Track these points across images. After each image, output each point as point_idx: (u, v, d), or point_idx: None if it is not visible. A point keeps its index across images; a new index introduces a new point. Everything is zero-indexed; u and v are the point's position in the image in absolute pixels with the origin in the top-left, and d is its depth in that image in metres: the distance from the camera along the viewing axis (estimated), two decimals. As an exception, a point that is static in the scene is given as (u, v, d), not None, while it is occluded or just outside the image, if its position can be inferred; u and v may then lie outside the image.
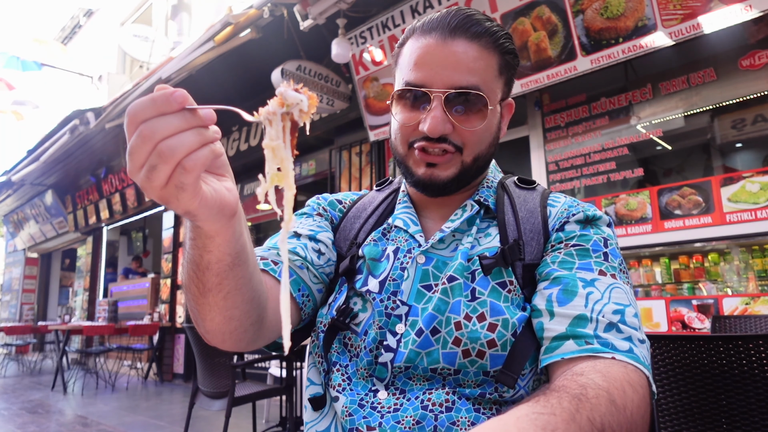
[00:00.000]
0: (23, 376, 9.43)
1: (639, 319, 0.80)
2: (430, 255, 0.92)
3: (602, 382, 0.66)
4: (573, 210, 0.92)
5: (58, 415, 5.82)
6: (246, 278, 0.73)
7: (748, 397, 1.40)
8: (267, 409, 5.13)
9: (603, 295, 0.80)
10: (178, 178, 0.53)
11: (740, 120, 3.85)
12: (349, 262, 0.95)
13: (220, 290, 0.71)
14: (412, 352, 0.83)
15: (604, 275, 0.83)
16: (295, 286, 0.92)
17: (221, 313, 0.74)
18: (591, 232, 0.89)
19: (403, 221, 0.98)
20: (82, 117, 7.61)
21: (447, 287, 0.86)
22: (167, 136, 0.52)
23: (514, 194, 0.98)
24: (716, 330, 2.59)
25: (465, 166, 0.91)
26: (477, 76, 0.87)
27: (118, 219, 10.30)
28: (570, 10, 3.76)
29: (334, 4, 4.33)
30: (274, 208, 0.59)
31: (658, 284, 3.82)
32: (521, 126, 4.68)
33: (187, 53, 5.51)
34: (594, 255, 0.86)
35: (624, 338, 0.75)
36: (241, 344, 0.82)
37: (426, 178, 0.90)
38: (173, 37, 9.09)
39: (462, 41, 0.87)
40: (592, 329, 0.76)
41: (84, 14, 13.88)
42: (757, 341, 1.39)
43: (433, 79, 0.86)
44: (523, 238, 0.90)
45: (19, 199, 13.11)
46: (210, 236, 0.64)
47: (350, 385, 0.87)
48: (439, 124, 0.85)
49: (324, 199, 1.10)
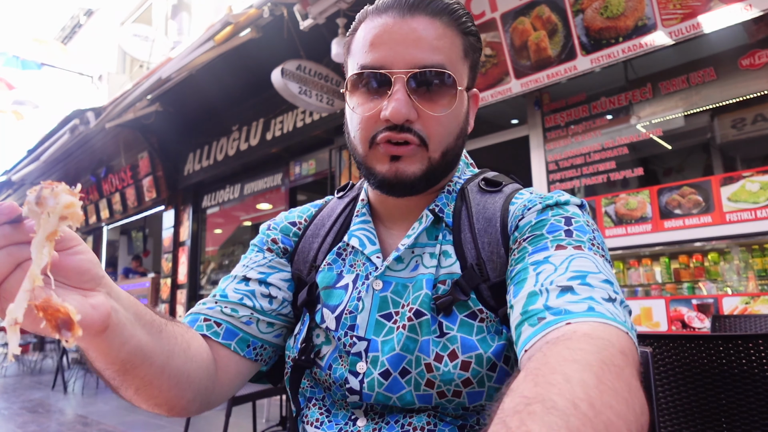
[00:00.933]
0: (23, 376, 9.44)
1: (613, 286, 0.66)
2: (387, 279, 0.83)
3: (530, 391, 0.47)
4: (530, 204, 0.80)
5: (59, 415, 5.83)
6: (153, 375, 0.69)
7: (747, 396, 1.41)
8: (267, 409, 5.14)
9: (558, 268, 0.67)
10: (1, 304, 0.50)
11: (740, 119, 3.86)
12: (307, 294, 0.88)
13: (127, 388, 0.70)
14: (380, 395, 0.76)
15: (563, 248, 0.70)
16: (242, 345, 0.86)
17: (144, 403, 0.73)
18: (548, 215, 0.76)
19: (359, 240, 0.87)
20: (82, 117, 7.61)
21: (415, 323, 0.77)
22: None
23: (473, 202, 0.86)
24: (716, 329, 2.59)
25: (433, 163, 0.80)
26: (442, 55, 0.78)
27: (118, 219, 10.31)
28: (570, 9, 3.76)
29: (333, 4, 4.34)
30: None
31: (658, 284, 3.82)
32: (521, 125, 4.68)
33: (188, 53, 5.51)
34: (550, 235, 0.73)
35: (582, 299, 0.62)
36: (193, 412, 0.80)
37: (391, 176, 0.79)
38: (173, 36, 9.10)
39: (422, 18, 0.78)
40: (542, 303, 0.64)
41: (84, 14, 13.88)
42: (757, 340, 1.39)
43: (394, 59, 0.77)
44: (482, 257, 0.79)
45: (20, 199, 13.12)
46: (84, 348, 0.61)
47: (329, 417, 0.83)
48: (402, 107, 0.75)
49: (276, 227, 0.99)
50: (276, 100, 5.65)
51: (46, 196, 0.48)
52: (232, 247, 8.45)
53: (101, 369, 0.66)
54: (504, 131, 4.87)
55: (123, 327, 0.62)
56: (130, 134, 8.51)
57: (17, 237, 0.50)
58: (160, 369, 0.70)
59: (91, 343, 0.60)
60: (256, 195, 7.41)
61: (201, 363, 0.79)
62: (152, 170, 8.72)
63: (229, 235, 8.46)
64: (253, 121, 6.90)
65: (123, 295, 0.66)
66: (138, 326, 0.67)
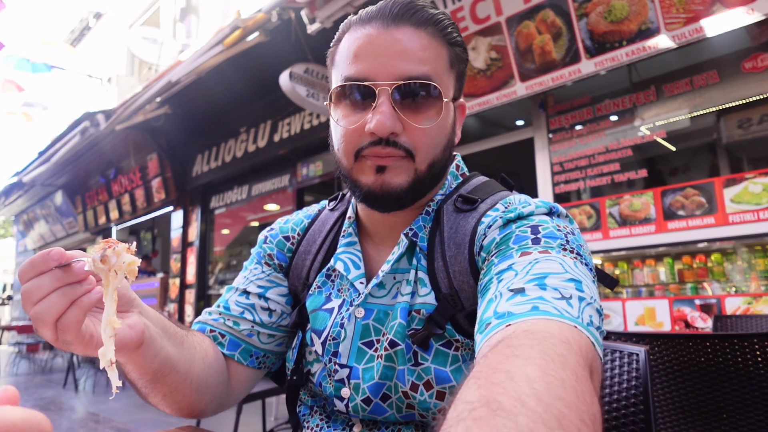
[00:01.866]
0: (35, 374, 9.55)
1: (581, 283, 0.62)
2: (369, 306, 0.82)
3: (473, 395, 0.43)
4: (491, 222, 0.77)
5: (70, 412, 5.92)
6: (178, 382, 0.77)
7: (743, 394, 1.45)
8: (276, 407, 5.20)
9: (519, 273, 0.64)
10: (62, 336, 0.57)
11: (745, 120, 3.89)
12: (298, 315, 0.90)
13: (155, 395, 0.78)
14: (366, 416, 0.79)
15: (528, 254, 0.67)
16: (245, 356, 0.91)
17: (169, 408, 0.81)
18: (512, 228, 0.74)
19: (344, 264, 0.86)
20: (92, 119, 7.71)
21: (390, 353, 0.77)
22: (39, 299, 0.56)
23: (446, 225, 0.82)
24: (718, 329, 2.63)
25: (419, 175, 0.78)
26: (428, 66, 0.76)
27: (127, 219, 10.40)
28: (574, 13, 3.80)
29: (341, 8, 4.39)
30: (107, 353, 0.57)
31: (662, 284, 3.86)
32: (526, 127, 4.72)
33: (197, 56, 5.59)
34: (515, 245, 0.70)
35: (528, 300, 0.59)
36: (206, 415, 0.87)
37: (377, 188, 0.77)
38: (181, 39, 9.18)
39: (407, 28, 0.76)
40: (492, 309, 0.61)
41: (93, 16, 14.00)
42: (752, 339, 1.44)
43: (378, 71, 0.75)
44: (454, 286, 0.77)
45: (30, 200, 13.25)
46: (123, 363, 0.71)
47: (328, 423, 0.86)
48: (387, 120, 0.73)
49: (272, 239, 0.98)
50: (283, 102, 5.72)
51: (109, 255, 0.56)
52: (240, 247, 8.53)
53: (135, 379, 0.75)
54: (509, 133, 4.92)
55: (154, 341, 0.71)
56: (139, 136, 8.60)
57: (68, 278, 0.56)
58: (183, 376, 0.78)
59: (128, 358, 0.69)
60: (263, 196, 7.48)
61: (217, 369, 0.86)
62: (161, 171, 8.81)
63: (236, 235, 8.54)
64: (261, 123, 6.97)
65: (151, 312, 0.74)
66: (165, 339, 0.75)
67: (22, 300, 0.57)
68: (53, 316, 0.55)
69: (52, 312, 0.55)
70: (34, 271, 0.56)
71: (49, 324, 0.56)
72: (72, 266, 0.57)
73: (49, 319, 0.55)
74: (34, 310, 0.56)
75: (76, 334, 0.57)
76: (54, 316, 0.55)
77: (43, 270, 0.56)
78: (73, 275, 0.56)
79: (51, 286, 0.56)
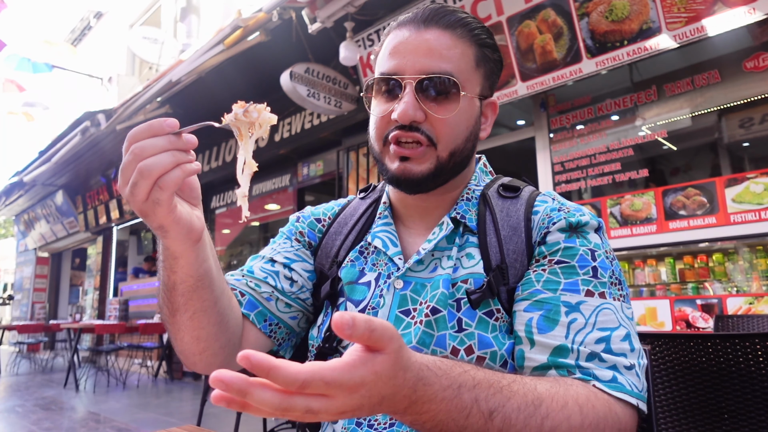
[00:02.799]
0: (35, 374, 9.56)
1: (630, 341, 0.77)
2: (408, 279, 0.89)
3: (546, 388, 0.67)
4: (554, 217, 0.86)
5: (71, 412, 5.92)
6: (211, 301, 0.80)
7: (745, 394, 1.44)
8: (276, 407, 5.20)
9: (587, 322, 0.76)
10: (155, 194, 0.63)
11: (747, 119, 3.88)
12: (330, 287, 0.94)
13: (186, 310, 0.78)
14: None
15: (592, 296, 0.78)
16: (260, 318, 0.93)
17: (189, 333, 0.81)
18: (576, 244, 0.83)
19: (382, 241, 0.94)
20: (93, 119, 7.71)
21: (431, 320, 0.83)
22: (150, 155, 0.61)
23: (497, 208, 0.91)
24: (719, 329, 2.62)
25: (441, 162, 0.87)
26: (451, 64, 0.86)
27: (128, 219, 10.41)
28: (575, 13, 3.80)
29: (342, 8, 4.39)
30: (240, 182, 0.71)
31: (663, 284, 3.86)
32: (527, 127, 4.72)
33: (197, 56, 5.59)
34: (581, 272, 0.80)
35: (607, 367, 0.73)
36: (212, 367, 0.86)
37: (399, 173, 0.87)
38: (182, 39, 9.18)
39: (435, 30, 0.87)
40: (573, 359, 0.74)
41: (93, 16, 14.01)
42: (754, 339, 1.43)
43: (406, 67, 0.85)
44: (506, 261, 0.85)
45: (31, 200, 13.26)
46: (175, 257, 0.73)
47: None
48: (409, 109, 0.83)
49: (304, 219, 1.06)
50: (284, 102, 5.72)
51: (251, 110, 0.69)
52: (240, 247, 8.53)
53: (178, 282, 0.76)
54: (510, 133, 4.92)
55: (206, 245, 0.77)
56: (140, 136, 8.60)
57: (179, 144, 0.63)
58: (215, 299, 0.81)
59: (187, 249, 0.72)
60: (264, 196, 7.49)
61: (236, 315, 0.89)
62: (162, 171, 8.81)
63: (236, 235, 8.54)
64: (262, 122, 6.97)
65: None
66: (212, 251, 0.79)
67: (130, 157, 0.62)
68: (159, 171, 0.61)
69: (159, 167, 0.61)
70: (150, 132, 0.62)
71: (152, 178, 0.61)
72: (182, 135, 0.64)
73: (155, 173, 0.61)
74: (143, 164, 0.61)
75: (170, 195, 0.63)
76: (160, 171, 0.61)
77: (158, 133, 0.62)
78: (183, 143, 0.64)
79: (164, 147, 0.62)
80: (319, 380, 0.45)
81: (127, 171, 0.63)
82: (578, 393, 0.69)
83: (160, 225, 0.67)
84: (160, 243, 0.74)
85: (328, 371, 0.46)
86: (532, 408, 0.64)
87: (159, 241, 0.74)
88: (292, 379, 0.44)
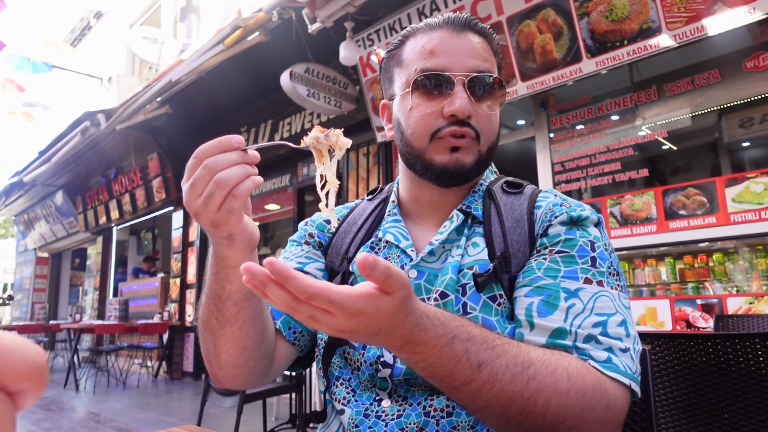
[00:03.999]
0: (35, 374, 9.55)
1: (626, 327, 0.79)
2: (421, 269, 0.92)
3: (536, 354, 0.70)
4: (556, 211, 0.89)
5: (71, 412, 5.92)
6: (259, 309, 0.82)
7: (745, 393, 1.45)
8: (276, 407, 5.21)
9: (585, 307, 0.79)
10: (229, 203, 0.68)
11: (747, 119, 3.88)
12: (341, 280, 0.96)
13: (237, 320, 0.80)
14: (409, 368, 0.83)
15: (590, 283, 0.81)
16: (285, 327, 0.95)
17: (236, 344, 0.82)
18: (577, 235, 0.86)
19: (394, 236, 0.97)
20: (92, 119, 7.71)
21: (440, 303, 0.86)
22: (224, 168, 0.67)
23: (501, 202, 0.96)
24: (719, 329, 2.62)
25: (482, 155, 0.92)
26: (489, 64, 0.93)
27: (127, 219, 10.41)
28: (575, 12, 3.80)
29: (341, 8, 4.39)
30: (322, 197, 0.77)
31: (664, 284, 3.85)
32: (527, 127, 4.72)
33: (197, 56, 5.59)
34: (580, 261, 0.83)
35: (603, 348, 0.75)
36: (251, 379, 0.88)
37: (452, 165, 0.90)
38: (182, 39, 9.18)
39: (471, 34, 0.93)
40: (571, 341, 0.76)
41: (93, 16, 14.01)
42: (754, 339, 1.43)
43: (453, 65, 0.89)
44: (509, 251, 0.88)
45: (30, 200, 13.26)
46: (233, 266, 0.76)
47: (355, 397, 0.89)
48: (466, 104, 0.87)
49: (312, 222, 1.10)
50: (284, 102, 5.72)
51: (331, 135, 0.76)
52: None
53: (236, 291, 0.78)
54: (510, 132, 4.92)
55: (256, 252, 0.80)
56: (140, 136, 8.61)
57: (246, 159, 0.69)
58: (261, 308, 0.84)
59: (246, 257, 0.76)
60: (264, 195, 7.49)
61: (272, 324, 0.91)
62: (162, 171, 8.81)
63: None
64: (262, 122, 6.98)
65: None
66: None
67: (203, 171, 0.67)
68: (233, 182, 0.67)
69: (234, 178, 0.67)
70: (221, 148, 0.68)
71: (227, 188, 0.67)
72: (247, 151, 0.70)
73: (230, 184, 0.67)
74: (219, 175, 0.66)
75: (242, 204, 0.69)
76: (234, 182, 0.67)
77: (228, 149, 0.68)
78: (249, 158, 0.70)
79: (235, 160, 0.68)
80: (325, 297, 0.53)
81: (200, 184, 0.67)
82: (570, 363, 0.71)
83: (229, 234, 0.71)
84: (212, 256, 0.77)
85: (335, 293, 0.54)
86: (520, 368, 0.67)
87: (212, 254, 0.77)
88: (302, 290, 0.52)
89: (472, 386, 0.65)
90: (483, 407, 0.67)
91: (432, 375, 0.65)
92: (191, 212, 0.70)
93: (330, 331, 0.58)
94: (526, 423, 0.67)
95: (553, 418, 0.67)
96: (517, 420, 0.67)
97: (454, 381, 0.65)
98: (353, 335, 0.58)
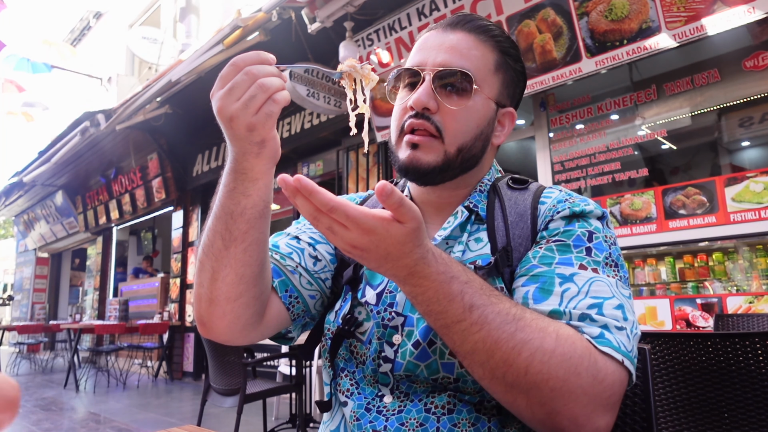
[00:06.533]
0: (35, 374, 9.56)
1: (624, 311, 0.77)
2: None
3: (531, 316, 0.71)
4: (559, 207, 0.89)
5: (71, 413, 5.92)
6: (264, 235, 0.84)
7: (744, 393, 1.44)
8: (276, 407, 5.21)
9: (580, 290, 0.78)
10: (269, 107, 0.72)
11: (746, 118, 3.89)
12: (353, 272, 0.96)
13: (244, 240, 0.80)
14: (410, 363, 0.84)
15: (585, 269, 0.80)
16: (282, 287, 0.94)
17: (235, 270, 0.81)
18: (575, 227, 0.86)
19: None
20: (92, 119, 7.71)
21: None
22: (265, 75, 0.71)
23: (505, 197, 0.95)
24: (719, 328, 2.63)
25: (449, 157, 0.89)
26: (469, 62, 0.90)
27: (127, 219, 10.41)
28: (575, 12, 3.80)
29: (341, 8, 4.39)
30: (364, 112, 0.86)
31: (663, 283, 3.86)
32: (527, 127, 4.72)
33: (197, 56, 5.59)
34: (575, 250, 0.83)
35: (597, 326, 0.74)
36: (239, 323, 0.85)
37: (408, 162, 0.90)
38: (182, 39, 9.18)
39: (460, 32, 0.92)
40: (565, 320, 0.75)
41: (93, 16, 14.01)
42: (754, 339, 1.43)
43: (427, 61, 0.90)
44: (511, 244, 0.88)
45: (30, 200, 13.26)
46: (254, 179, 0.78)
47: (358, 390, 0.89)
48: (423, 96, 0.87)
49: None
50: (284, 102, 5.72)
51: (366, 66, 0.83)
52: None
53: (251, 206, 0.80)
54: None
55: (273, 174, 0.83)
56: (139, 136, 8.60)
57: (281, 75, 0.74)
58: (267, 234, 0.86)
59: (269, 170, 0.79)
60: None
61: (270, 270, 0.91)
62: (161, 171, 8.81)
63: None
64: (261, 122, 6.97)
65: None
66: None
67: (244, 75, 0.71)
68: (275, 88, 0.71)
69: (275, 84, 0.71)
70: (260, 59, 0.73)
71: (270, 92, 0.71)
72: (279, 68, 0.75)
73: (272, 89, 0.71)
74: (262, 80, 0.70)
75: (279, 110, 0.72)
76: (276, 88, 0.72)
77: (266, 62, 0.73)
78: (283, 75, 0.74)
79: (273, 72, 0.73)
80: (343, 211, 0.60)
81: (239, 88, 0.71)
82: (562, 327, 0.72)
83: (262, 139, 0.74)
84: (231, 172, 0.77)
85: (351, 209, 0.60)
86: (510, 318, 0.69)
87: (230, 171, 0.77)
88: (324, 203, 0.60)
89: (462, 325, 0.68)
90: (470, 351, 0.69)
91: (428, 311, 0.69)
92: (224, 118, 0.72)
93: (345, 246, 0.64)
94: (509, 376, 0.68)
95: (535, 374, 0.67)
96: (501, 371, 0.68)
97: (446, 318, 0.68)
98: (364, 254, 0.64)
